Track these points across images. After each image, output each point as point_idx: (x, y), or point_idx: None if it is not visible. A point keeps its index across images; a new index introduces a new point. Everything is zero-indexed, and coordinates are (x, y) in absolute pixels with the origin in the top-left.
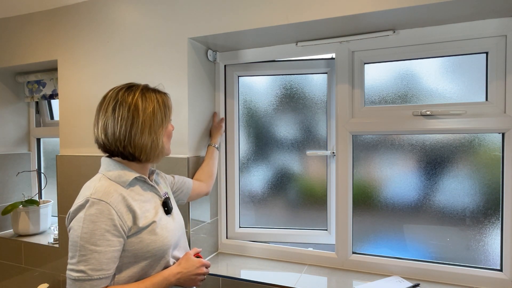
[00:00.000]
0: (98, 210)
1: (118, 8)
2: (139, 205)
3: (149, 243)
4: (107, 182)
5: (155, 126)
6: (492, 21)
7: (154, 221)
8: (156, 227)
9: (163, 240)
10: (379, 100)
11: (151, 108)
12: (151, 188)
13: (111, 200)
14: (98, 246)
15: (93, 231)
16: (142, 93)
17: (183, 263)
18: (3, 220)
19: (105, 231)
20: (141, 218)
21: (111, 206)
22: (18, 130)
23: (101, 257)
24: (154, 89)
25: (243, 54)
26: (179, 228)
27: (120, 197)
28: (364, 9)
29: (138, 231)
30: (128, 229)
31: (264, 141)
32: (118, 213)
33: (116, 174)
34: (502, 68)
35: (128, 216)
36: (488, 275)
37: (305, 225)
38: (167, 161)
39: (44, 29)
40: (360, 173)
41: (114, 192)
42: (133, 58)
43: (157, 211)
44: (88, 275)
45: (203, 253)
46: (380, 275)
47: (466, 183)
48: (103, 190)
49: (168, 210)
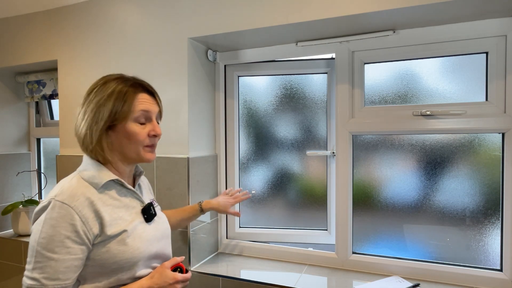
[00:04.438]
0: (59, 214)
1: (118, 8)
2: (111, 211)
3: (116, 254)
4: (78, 183)
5: (93, 119)
6: (492, 21)
7: (125, 230)
8: (127, 237)
9: (134, 251)
10: (379, 100)
11: (98, 98)
12: (131, 192)
13: (76, 204)
14: (55, 253)
15: (51, 237)
16: (104, 82)
17: (156, 276)
18: (3, 220)
19: (65, 238)
20: (110, 226)
21: (74, 210)
22: (18, 130)
23: (58, 266)
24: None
25: (243, 54)
26: (161, 237)
27: (87, 201)
28: (364, 9)
29: (105, 240)
30: (93, 236)
31: (264, 141)
32: (82, 219)
33: (90, 175)
34: (502, 68)
35: (95, 223)
36: (488, 275)
37: (305, 225)
38: (167, 161)
39: (44, 29)
40: (360, 173)
41: (81, 196)
42: (133, 58)
43: (133, 218)
44: (42, 284)
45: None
46: (380, 275)
47: (466, 183)
48: (69, 192)
49: (148, 218)
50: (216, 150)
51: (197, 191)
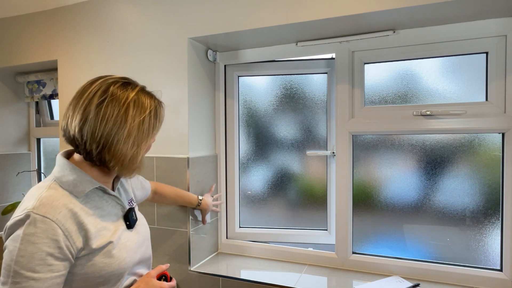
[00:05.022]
0: (40, 229)
1: (118, 8)
2: (95, 221)
3: (102, 267)
4: (57, 192)
5: (139, 137)
6: (492, 21)
7: (110, 241)
8: (113, 248)
9: (120, 263)
10: (379, 100)
11: (142, 117)
12: (113, 198)
13: (58, 217)
14: (36, 272)
15: (32, 255)
16: (138, 96)
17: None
18: (3, 220)
19: (47, 255)
20: (95, 238)
21: (57, 224)
22: (18, 130)
23: (39, 285)
24: (151, 94)
25: (243, 54)
26: (142, 241)
27: (69, 213)
28: (364, 9)
29: (90, 253)
30: (77, 250)
31: (264, 141)
32: (65, 233)
33: (70, 182)
34: (502, 68)
35: (78, 236)
36: (488, 275)
37: (305, 225)
38: (167, 161)
39: (44, 29)
40: (360, 173)
41: (63, 207)
42: (133, 58)
43: (117, 227)
44: None
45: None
46: (380, 275)
47: (466, 183)
48: (49, 203)
49: (130, 224)
50: (216, 150)
51: (197, 191)
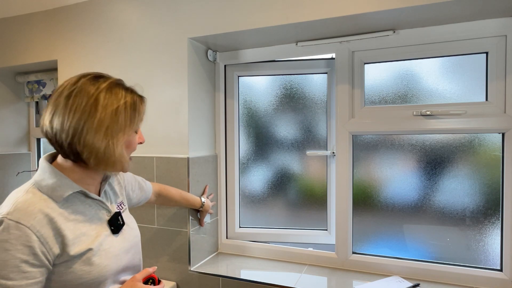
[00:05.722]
0: (14, 235)
1: (118, 8)
2: (74, 226)
3: (82, 275)
4: (35, 196)
5: (113, 128)
6: (492, 21)
7: (90, 248)
8: (93, 255)
9: (101, 270)
10: (379, 100)
11: (114, 106)
12: (96, 202)
13: (33, 223)
14: (10, 280)
15: (5, 262)
16: (110, 87)
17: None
18: None
19: (21, 262)
20: (74, 245)
21: (31, 230)
22: (18, 130)
23: None
24: (127, 87)
25: (243, 54)
26: (130, 247)
27: (46, 219)
28: (364, 9)
29: (68, 260)
30: (54, 257)
31: (264, 141)
32: (40, 239)
33: (49, 186)
34: (502, 68)
35: (55, 242)
36: (488, 275)
37: (305, 225)
38: (167, 161)
39: (44, 29)
40: (360, 173)
41: (39, 213)
42: (133, 58)
43: (99, 232)
44: None
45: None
46: (380, 275)
47: (466, 183)
48: (24, 208)
49: (115, 229)
50: (216, 150)
51: (197, 191)
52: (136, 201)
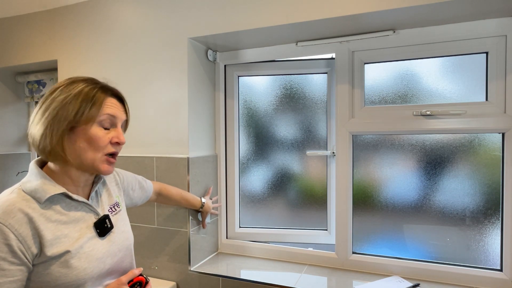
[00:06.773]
0: None
1: (118, 8)
2: (55, 228)
3: (58, 277)
4: (18, 196)
5: (55, 118)
6: (492, 21)
7: (68, 250)
8: (72, 258)
9: (79, 273)
10: (379, 100)
11: (63, 96)
12: (82, 204)
13: (11, 222)
14: None
15: None
16: (71, 82)
17: None
18: None
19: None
20: (51, 246)
21: (9, 229)
22: (18, 130)
23: None
24: (92, 81)
25: (243, 54)
26: (117, 251)
27: (25, 218)
28: (364, 9)
29: (45, 261)
30: (33, 256)
31: (264, 141)
32: (18, 237)
33: (33, 188)
34: (502, 68)
35: (33, 242)
36: (488, 275)
37: (305, 225)
38: (167, 161)
39: (44, 29)
40: (360, 173)
41: (18, 212)
42: (133, 58)
43: (81, 235)
44: None
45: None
46: (380, 275)
47: (466, 183)
48: (4, 208)
49: (101, 232)
50: (216, 150)
51: (197, 191)
52: (137, 201)
